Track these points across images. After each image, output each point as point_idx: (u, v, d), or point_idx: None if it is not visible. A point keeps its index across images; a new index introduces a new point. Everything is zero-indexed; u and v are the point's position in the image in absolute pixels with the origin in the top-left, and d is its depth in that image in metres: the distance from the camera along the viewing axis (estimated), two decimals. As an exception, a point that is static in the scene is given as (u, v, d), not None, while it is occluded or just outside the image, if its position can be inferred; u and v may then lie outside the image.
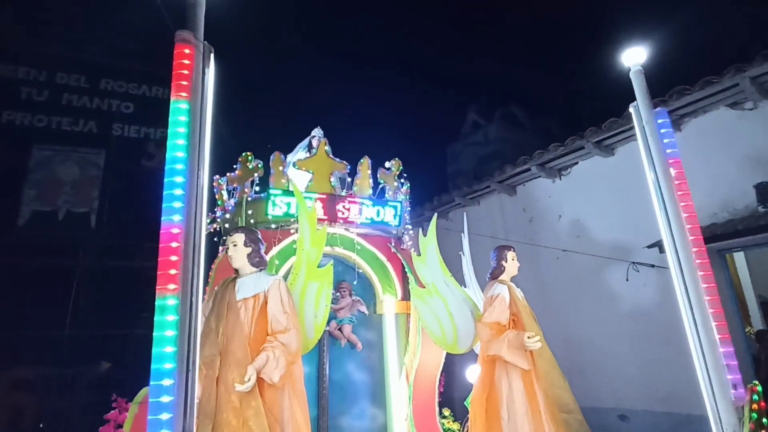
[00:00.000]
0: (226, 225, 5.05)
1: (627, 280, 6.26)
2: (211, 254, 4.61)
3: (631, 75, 3.26)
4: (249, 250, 3.35)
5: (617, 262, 6.35)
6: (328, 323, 4.51)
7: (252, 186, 4.98)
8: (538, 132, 11.85)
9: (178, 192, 2.16)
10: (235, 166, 5.10)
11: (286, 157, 5.12)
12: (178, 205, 2.13)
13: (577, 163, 7.20)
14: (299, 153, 5.57)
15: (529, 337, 3.55)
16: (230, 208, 5.05)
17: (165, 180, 2.15)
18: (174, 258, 2.07)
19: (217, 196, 5.29)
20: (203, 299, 2.36)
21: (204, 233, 2.29)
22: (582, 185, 7.11)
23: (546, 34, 13.08)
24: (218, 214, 5.22)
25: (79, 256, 8.18)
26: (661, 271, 5.99)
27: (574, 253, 6.72)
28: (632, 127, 6.30)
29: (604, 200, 6.75)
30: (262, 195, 4.83)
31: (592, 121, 6.71)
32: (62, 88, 8.73)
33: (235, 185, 5.05)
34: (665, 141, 3.09)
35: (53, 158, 8.50)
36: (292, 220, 4.61)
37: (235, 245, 3.34)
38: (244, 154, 5.06)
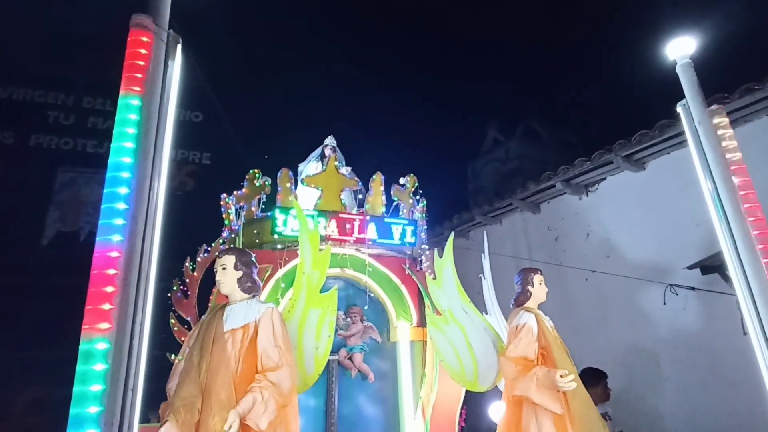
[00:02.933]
0: (232, 245, 4.83)
1: (664, 303, 5.62)
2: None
3: (679, 69, 2.71)
4: (239, 274, 2.91)
5: (652, 284, 5.79)
6: (337, 351, 4.25)
7: (259, 204, 4.82)
8: (562, 147, 11.36)
9: (121, 206, 1.71)
10: (242, 184, 4.92)
11: (294, 174, 4.92)
12: (119, 222, 1.67)
13: (605, 178, 6.74)
14: (311, 164, 5.42)
15: (561, 376, 2.98)
16: (236, 227, 4.85)
17: (105, 191, 1.69)
18: (109, 289, 1.61)
19: (224, 216, 5.12)
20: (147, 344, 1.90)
21: (155, 259, 1.81)
22: (611, 202, 6.66)
23: (568, 44, 12.55)
24: (225, 234, 5.07)
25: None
26: (703, 294, 5.38)
27: (604, 274, 6.18)
28: (666, 140, 5.80)
29: (636, 217, 6.29)
30: (269, 214, 4.63)
31: (620, 134, 6.26)
32: (88, 111, 8.64)
33: (242, 204, 4.87)
34: (724, 145, 2.49)
35: (76, 180, 8.36)
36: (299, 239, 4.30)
37: (224, 268, 2.91)
38: (251, 171, 4.90)
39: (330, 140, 5.63)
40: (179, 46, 2.01)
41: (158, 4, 1.92)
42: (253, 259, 3.03)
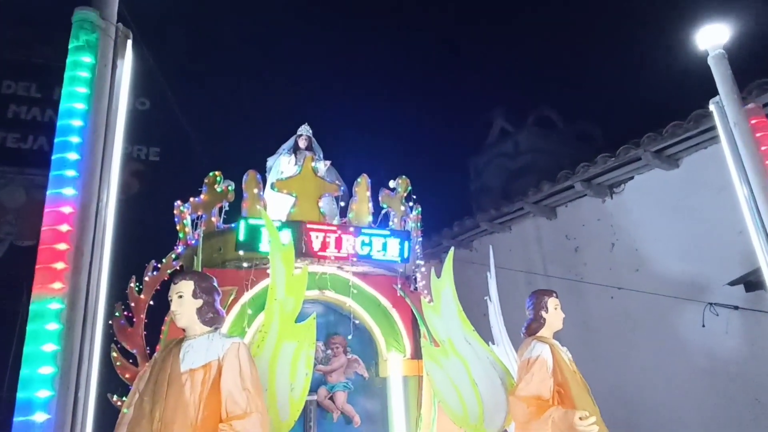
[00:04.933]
0: (188, 264, 4.85)
1: (703, 326, 5.72)
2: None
3: (711, 61, 2.82)
4: (199, 303, 2.94)
5: (689, 302, 5.89)
6: (315, 390, 4.32)
7: (220, 214, 4.87)
8: (581, 140, 11.49)
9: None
10: (200, 189, 4.95)
11: (263, 177, 4.96)
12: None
13: (632, 177, 6.83)
14: (282, 158, 5.48)
15: (581, 418, 3.05)
16: (193, 242, 4.88)
17: (45, 210, 1.80)
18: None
19: (178, 227, 5.16)
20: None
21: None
22: (639, 205, 6.75)
23: (588, 26, 12.76)
24: (179, 249, 5.10)
25: (23, 298, 7.93)
26: (747, 314, 5.48)
27: (632, 291, 6.27)
28: (702, 132, 5.93)
29: (669, 224, 6.36)
30: (233, 225, 4.67)
31: (649, 126, 6.35)
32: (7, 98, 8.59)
33: (200, 213, 4.91)
34: (764, 149, 2.61)
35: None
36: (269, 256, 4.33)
37: (180, 297, 2.93)
38: (211, 173, 4.91)
39: (305, 129, 5.72)
40: (129, 42, 2.07)
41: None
42: (215, 284, 3.05)
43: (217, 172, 4.87)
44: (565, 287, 6.57)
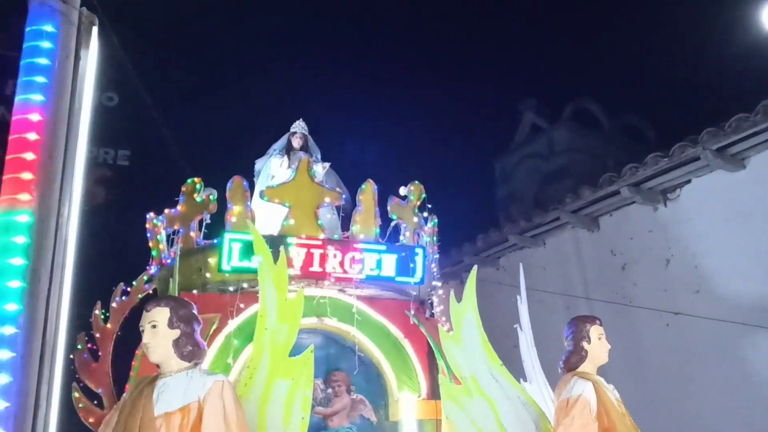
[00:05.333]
0: (163, 287, 4.96)
1: (779, 358, 5.69)
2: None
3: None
4: (176, 334, 2.97)
5: (760, 329, 5.87)
6: None
7: (201, 228, 4.94)
8: (628, 137, 11.42)
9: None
10: (177, 199, 5.03)
11: (250, 184, 5.04)
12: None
13: (689, 181, 6.80)
14: (273, 160, 5.58)
15: (631, 470, 3.04)
16: (169, 261, 4.96)
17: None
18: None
19: (151, 244, 5.25)
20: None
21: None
22: (699, 213, 6.71)
23: (634, 3, 12.79)
24: (153, 269, 5.18)
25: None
26: None
27: (691, 317, 6.22)
28: None
29: (735, 235, 6.32)
30: (215, 241, 4.72)
31: (709, 120, 6.35)
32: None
33: (176, 227, 4.97)
34: None
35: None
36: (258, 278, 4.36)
37: (153, 327, 2.96)
38: (190, 180, 4.99)
39: (299, 126, 5.80)
40: (95, 30, 2.11)
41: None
42: (195, 311, 3.08)
43: (196, 179, 4.91)
44: (611, 313, 6.52)
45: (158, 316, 2.98)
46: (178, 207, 4.92)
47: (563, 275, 7.94)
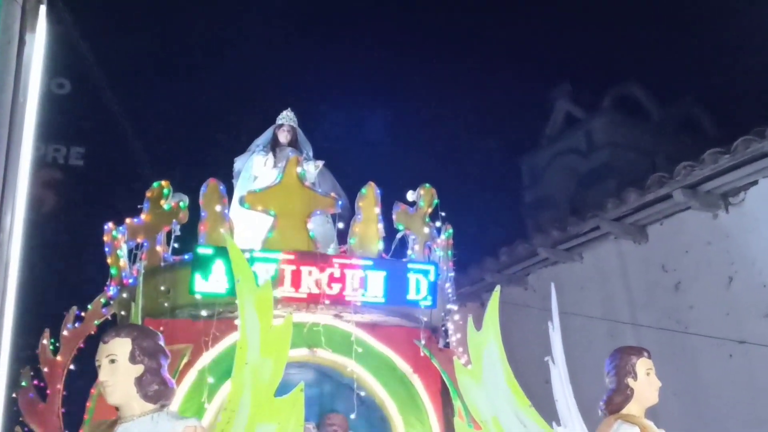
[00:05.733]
0: (124, 312, 4.91)
1: None
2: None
3: None
4: (139, 370, 2.93)
5: None
6: None
7: (169, 241, 4.92)
8: (682, 130, 11.39)
9: None
10: (140, 206, 5.03)
11: (228, 187, 5.06)
12: None
13: (755, 182, 6.75)
14: (256, 158, 5.61)
15: None
16: (131, 281, 4.94)
17: None
18: None
19: (109, 260, 5.25)
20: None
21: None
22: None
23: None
24: (111, 290, 5.19)
25: None
26: None
27: (760, 346, 6.18)
28: None
29: None
30: (186, 257, 4.74)
31: None
32: None
33: (140, 240, 4.98)
34: None
35: None
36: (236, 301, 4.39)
37: (112, 362, 2.93)
38: (156, 184, 5.00)
39: (287, 117, 5.82)
40: (43, 10, 2.11)
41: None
42: (162, 342, 3.06)
43: (163, 182, 4.91)
44: (663, 341, 6.51)
45: (118, 348, 2.95)
46: (142, 216, 4.91)
47: (604, 296, 7.92)
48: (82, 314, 5.26)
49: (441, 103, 14.67)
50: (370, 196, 5.00)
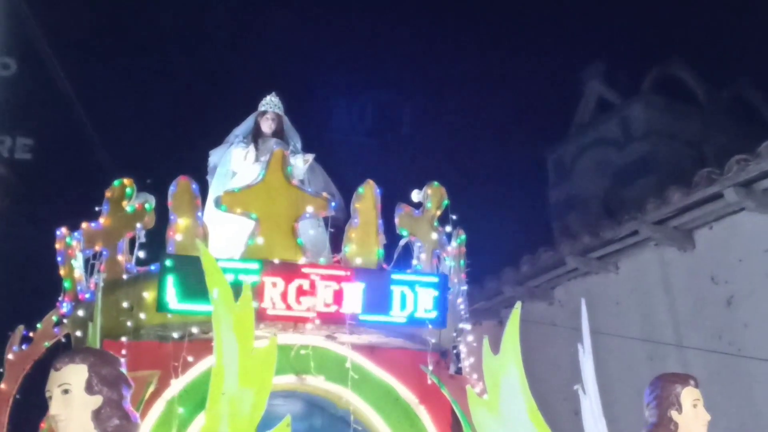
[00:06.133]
0: (79, 332, 4.90)
1: None
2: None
3: None
4: (97, 401, 2.95)
5: None
6: None
7: (132, 249, 4.94)
8: (734, 117, 11.37)
9: None
10: (99, 209, 5.04)
11: (201, 186, 5.08)
12: None
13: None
14: (235, 151, 5.63)
15: None
16: (88, 296, 4.93)
17: None
18: None
19: (62, 271, 5.23)
20: None
21: None
22: None
23: None
24: (65, 308, 5.14)
25: None
26: None
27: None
28: None
29: None
30: (152, 268, 4.75)
31: None
32: None
33: (98, 248, 4.98)
34: None
35: None
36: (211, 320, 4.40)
37: (66, 391, 2.95)
38: (117, 182, 5.02)
39: (271, 103, 5.84)
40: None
41: None
42: (124, 369, 3.08)
43: (126, 180, 4.93)
44: (713, 366, 6.49)
45: (72, 376, 2.97)
46: (101, 220, 4.91)
47: (644, 313, 7.91)
48: (30, 335, 5.28)
49: (451, 86, 14.61)
50: (368, 196, 5.00)
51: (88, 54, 11.39)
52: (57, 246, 5.20)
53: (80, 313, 4.93)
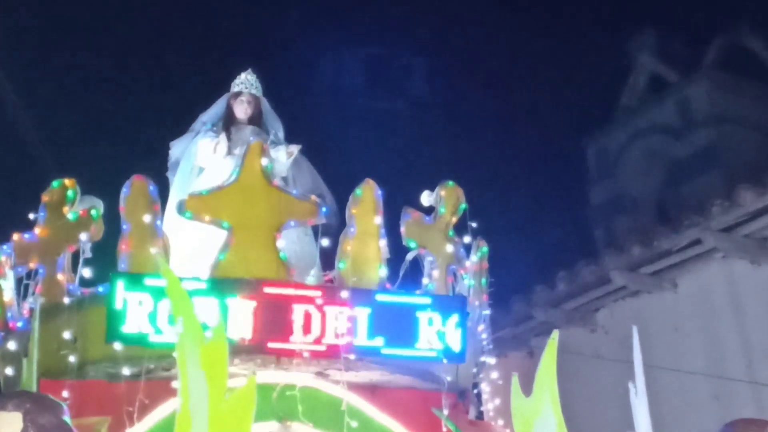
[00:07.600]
0: (10, 370, 4.89)
1: None
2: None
3: None
4: (33, 451, 2.95)
5: None
6: None
7: (76, 266, 4.95)
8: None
9: None
10: (34, 216, 5.06)
11: (160, 184, 5.09)
12: None
13: None
14: (202, 142, 5.66)
15: None
16: (21, 324, 4.96)
17: None
18: None
19: None
20: None
21: None
22: None
23: None
24: None
25: None
26: None
27: None
28: None
29: None
30: (100, 290, 4.76)
31: None
32: None
33: (33, 264, 5.00)
34: None
35: None
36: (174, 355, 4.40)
37: (-2, 438, 2.95)
38: (56, 183, 5.05)
39: (246, 81, 5.86)
40: None
41: None
42: (66, 416, 3.08)
43: (67, 181, 4.95)
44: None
45: (3, 427, 2.99)
46: (36, 230, 4.92)
47: (709, 340, 7.92)
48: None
49: (469, 63, 14.62)
50: (367, 199, 5.02)
51: (18, 33, 11.48)
52: None
53: (11, 346, 4.90)
